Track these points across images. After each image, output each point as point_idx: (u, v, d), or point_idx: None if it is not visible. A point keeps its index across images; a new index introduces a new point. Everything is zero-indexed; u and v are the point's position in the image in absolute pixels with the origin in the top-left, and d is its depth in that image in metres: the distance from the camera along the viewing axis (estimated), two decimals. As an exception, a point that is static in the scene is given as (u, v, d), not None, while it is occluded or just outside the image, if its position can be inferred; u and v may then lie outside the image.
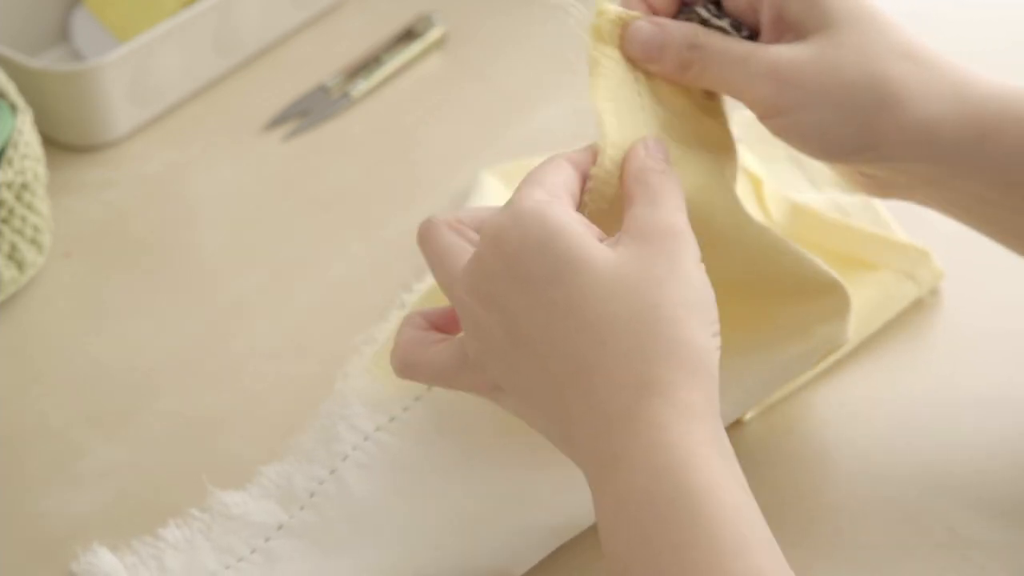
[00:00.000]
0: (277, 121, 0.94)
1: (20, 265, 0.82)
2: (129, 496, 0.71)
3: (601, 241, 0.59)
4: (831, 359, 0.74)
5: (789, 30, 0.65)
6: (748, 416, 0.72)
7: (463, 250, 0.62)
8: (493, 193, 0.84)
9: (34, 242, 0.82)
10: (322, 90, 0.96)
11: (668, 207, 0.60)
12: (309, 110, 0.95)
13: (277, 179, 0.91)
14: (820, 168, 0.85)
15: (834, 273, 0.69)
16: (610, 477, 0.56)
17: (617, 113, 0.64)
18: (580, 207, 0.61)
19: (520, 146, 0.90)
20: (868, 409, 0.74)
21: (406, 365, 0.64)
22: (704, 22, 0.66)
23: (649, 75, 0.66)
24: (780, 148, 0.76)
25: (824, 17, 0.64)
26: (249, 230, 0.87)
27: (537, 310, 0.58)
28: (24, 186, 0.81)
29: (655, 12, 0.66)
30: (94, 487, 0.72)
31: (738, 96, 0.66)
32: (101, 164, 0.91)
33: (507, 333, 0.59)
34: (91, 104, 0.90)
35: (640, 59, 0.65)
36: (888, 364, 0.75)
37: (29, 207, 0.81)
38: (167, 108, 0.94)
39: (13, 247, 0.81)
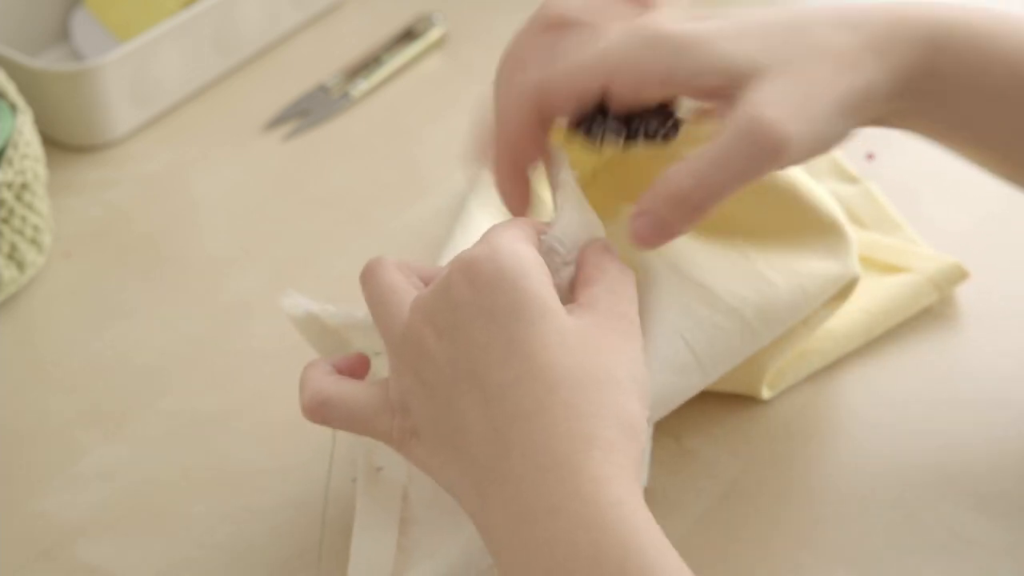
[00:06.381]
0: (277, 121, 0.94)
1: (20, 265, 0.81)
2: (129, 496, 0.71)
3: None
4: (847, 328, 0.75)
5: (727, 93, 0.62)
6: (766, 395, 0.73)
7: (407, 292, 0.62)
8: (493, 193, 0.84)
9: (34, 242, 0.82)
10: (322, 90, 0.96)
11: (625, 298, 0.61)
12: (309, 110, 0.95)
13: (277, 179, 0.90)
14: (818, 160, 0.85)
15: (835, 214, 0.70)
16: (543, 526, 0.55)
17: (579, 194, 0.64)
18: None
19: (520, 146, 0.90)
20: (868, 409, 0.74)
21: (319, 403, 0.62)
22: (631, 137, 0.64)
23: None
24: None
25: (756, 54, 0.62)
26: (250, 230, 0.87)
27: (495, 345, 0.57)
28: (24, 186, 0.81)
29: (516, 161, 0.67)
30: (94, 487, 0.72)
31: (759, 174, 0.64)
32: (101, 164, 0.91)
33: (454, 366, 0.58)
34: (91, 104, 0.90)
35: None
36: (889, 365, 0.75)
37: (29, 207, 0.81)
38: (167, 108, 0.94)
39: (13, 247, 0.81)
